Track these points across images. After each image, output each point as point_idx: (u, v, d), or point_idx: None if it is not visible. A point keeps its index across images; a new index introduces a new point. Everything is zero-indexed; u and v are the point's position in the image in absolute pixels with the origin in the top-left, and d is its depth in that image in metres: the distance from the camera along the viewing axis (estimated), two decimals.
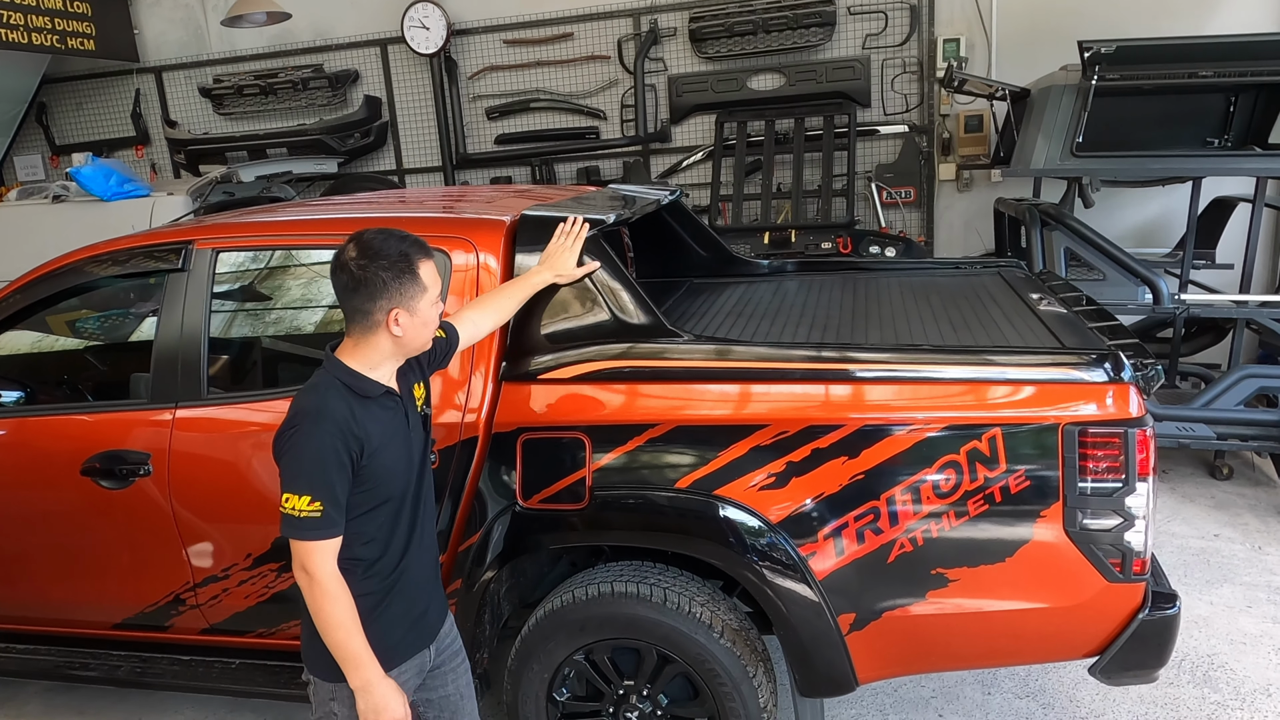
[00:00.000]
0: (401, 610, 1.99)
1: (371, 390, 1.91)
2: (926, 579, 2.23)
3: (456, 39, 7.13)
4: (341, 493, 1.83)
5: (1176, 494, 4.58)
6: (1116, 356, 2.16)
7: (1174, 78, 4.55)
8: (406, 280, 1.88)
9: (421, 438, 2.06)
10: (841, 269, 3.88)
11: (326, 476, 1.80)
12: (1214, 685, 3.08)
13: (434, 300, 1.95)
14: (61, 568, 2.91)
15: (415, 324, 1.92)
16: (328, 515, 1.80)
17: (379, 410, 1.92)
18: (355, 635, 1.84)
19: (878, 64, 6.50)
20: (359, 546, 1.91)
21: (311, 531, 1.80)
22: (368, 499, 1.90)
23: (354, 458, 1.84)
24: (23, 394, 3.04)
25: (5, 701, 3.47)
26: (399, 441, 1.95)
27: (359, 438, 1.85)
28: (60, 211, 6.26)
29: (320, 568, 1.82)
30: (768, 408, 2.27)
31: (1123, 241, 4.80)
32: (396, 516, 1.97)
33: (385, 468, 1.91)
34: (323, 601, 1.82)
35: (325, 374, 1.92)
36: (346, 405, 1.86)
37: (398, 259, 1.88)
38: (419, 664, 2.05)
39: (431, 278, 1.94)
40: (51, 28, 6.92)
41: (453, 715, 2.17)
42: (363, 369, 1.92)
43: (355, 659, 1.85)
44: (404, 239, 1.93)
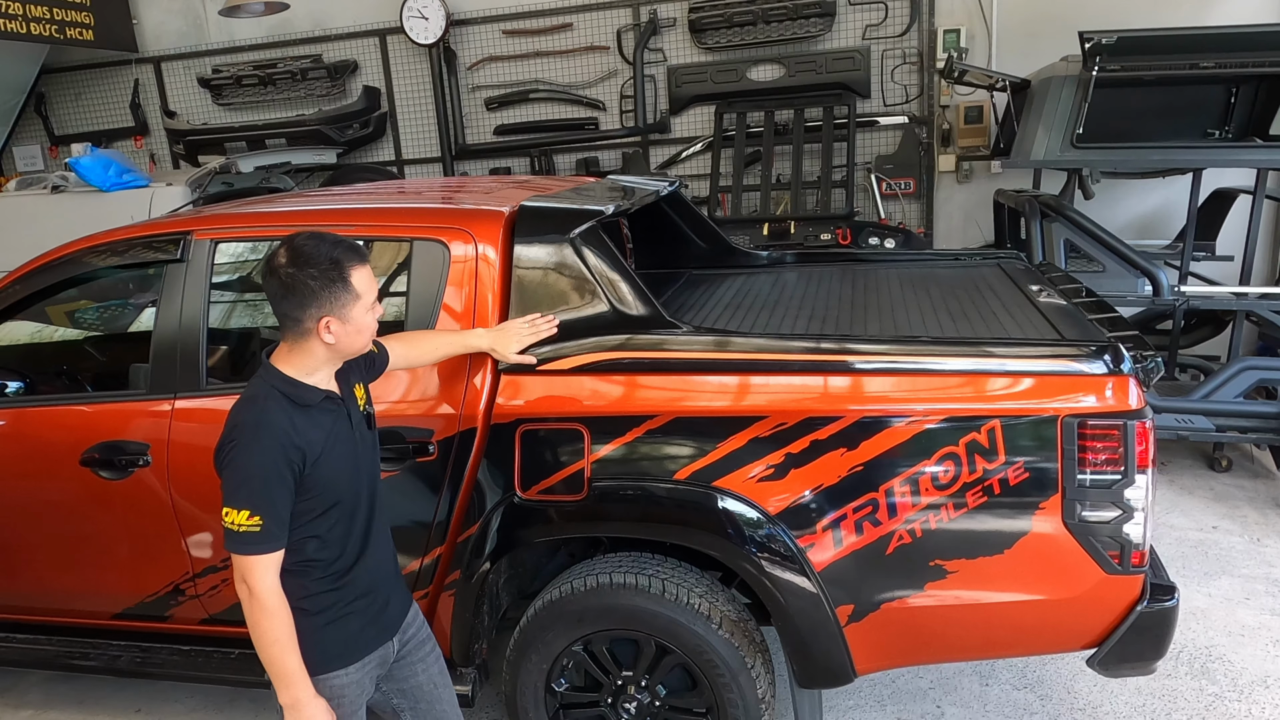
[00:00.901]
0: (362, 607, 2.00)
1: (310, 398, 1.89)
2: (925, 571, 2.23)
3: (455, 29, 7.10)
4: (282, 506, 1.81)
5: (1175, 486, 4.58)
6: (1116, 348, 2.16)
7: (1175, 69, 4.52)
8: (338, 288, 1.84)
9: (368, 437, 2.05)
10: (841, 260, 3.87)
11: (266, 492, 1.79)
12: (1211, 677, 3.09)
13: (368, 306, 1.90)
14: (61, 558, 2.91)
15: (348, 331, 1.88)
16: (266, 530, 1.79)
17: (320, 416, 1.90)
18: (289, 652, 1.83)
19: (878, 55, 6.48)
20: (314, 549, 1.91)
21: (250, 546, 1.79)
22: (317, 504, 1.89)
23: (296, 469, 1.82)
24: (22, 384, 3.04)
25: (6, 691, 3.48)
26: (343, 444, 1.94)
27: (300, 448, 1.83)
28: (59, 202, 6.24)
29: (259, 582, 1.81)
30: (767, 399, 2.27)
31: (1122, 233, 4.79)
32: (350, 517, 1.96)
33: (331, 472, 1.89)
34: (259, 616, 1.82)
35: (263, 383, 1.89)
36: (286, 415, 1.84)
37: (328, 266, 1.83)
38: (382, 656, 2.06)
39: (365, 284, 1.89)
40: (50, 18, 6.89)
41: (428, 704, 2.18)
42: (300, 375, 1.90)
43: (287, 676, 1.84)
44: (337, 244, 1.87)
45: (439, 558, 2.54)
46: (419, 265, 2.56)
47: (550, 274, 2.49)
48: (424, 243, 2.57)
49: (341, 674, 1.96)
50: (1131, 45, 4.37)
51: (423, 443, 2.47)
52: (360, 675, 2.00)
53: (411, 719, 2.18)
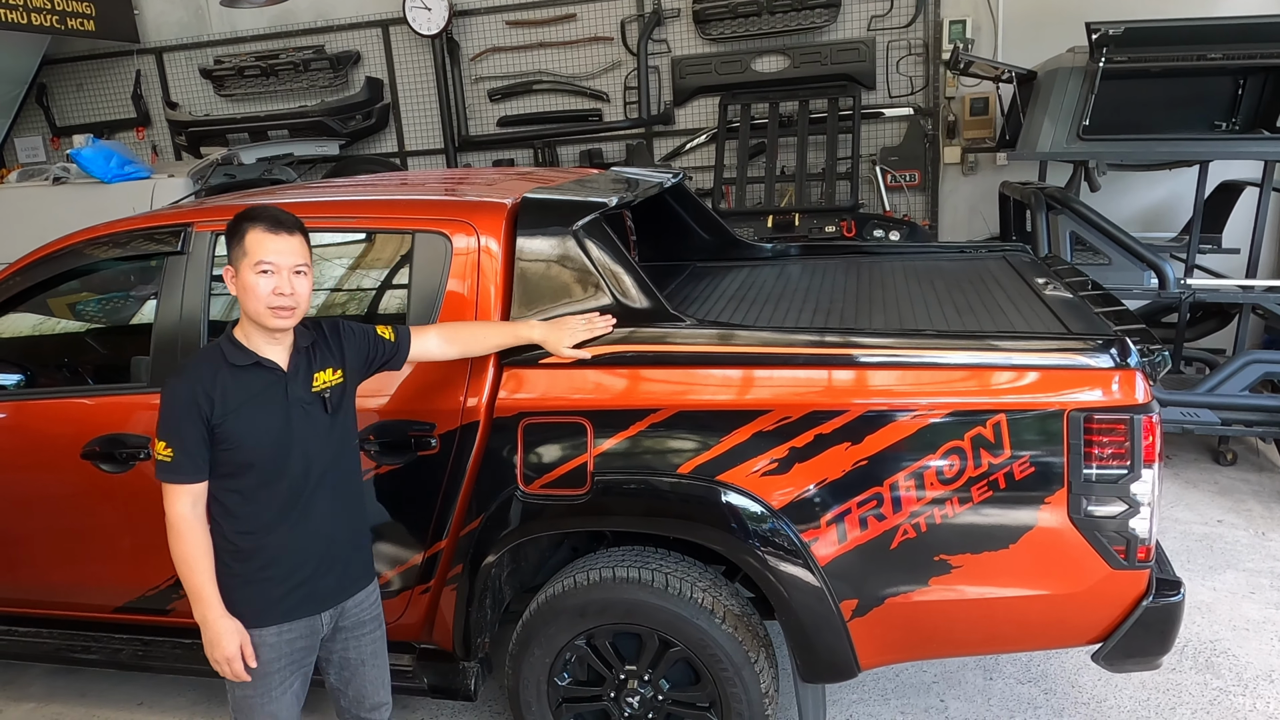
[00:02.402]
0: (282, 574, 2.08)
1: (239, 359, 2.04)
2: (929, 565, 2.22)
3: (458, 20, 7.07)
4: (192, 444, 1.98)
5: (1180, 479, 4.56)
6: (1123, 342, 2.14)
7: (1182, 60, 4.50)
8: (234, 240, 2.03)
9: (323, 419, 2.11)
10: (845, 253, 3.85)
11: (178, 427, 1.98)
12: (1216, 671, 3.08)
13: (253, 267, 1.99)
14: (63, 551, 2.91)
15: (240, 288, 2.02)
16: (177, 461, 1.98)
17: (248, 378, 2.04)
18: (199, 573, 2.01)
19: (883, 46, 6.45)
20: (235, 503, 2.05)
21: (165, 473, 2.00)
22: (231, 459, 2.02)
23: (205, 416, 1.98)
24: (23, 377, 3.03)
25: (8, 684, 3.48)
26: (266, 411, 2.04)
27: (211, 398, 1.99)
28: (61, 193, 6.24)
29: (172, 507, 2.00)
30: (771, 393, 2.25)
31: (1128, 226, 4.76)
32: (269, 484, 2.05)
33: (244, 433, 2.01)
34: (172, 538, 2.02)
35: (216, 340, 2.11)
36: (212, 368, 2.03)
37: (239, 221, 2.03)
38: (307, 627, 2.14)
39: (258, 245, 2.00)
40: (51, 8, 6.87)
41: (350, 674, 2.28)
42: (241, 338, 2.07)
43: (198, 593, 2.03)
44: (265, 210, 2.05)
45: (441, 551, 2.53)
46: (421, 257, 2.55)
47: (553, 266, 2.47)
48: (426, 235, 2.55)
49: (252, 633, 2.07)
50: (1138, 36, 4.34)
51: (425, 436, 2.46)
52: (276, 640, 2.09)
53: (334, 680, 2.31)
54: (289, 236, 2.04)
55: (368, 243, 2.80)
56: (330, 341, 2.18)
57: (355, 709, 2.32)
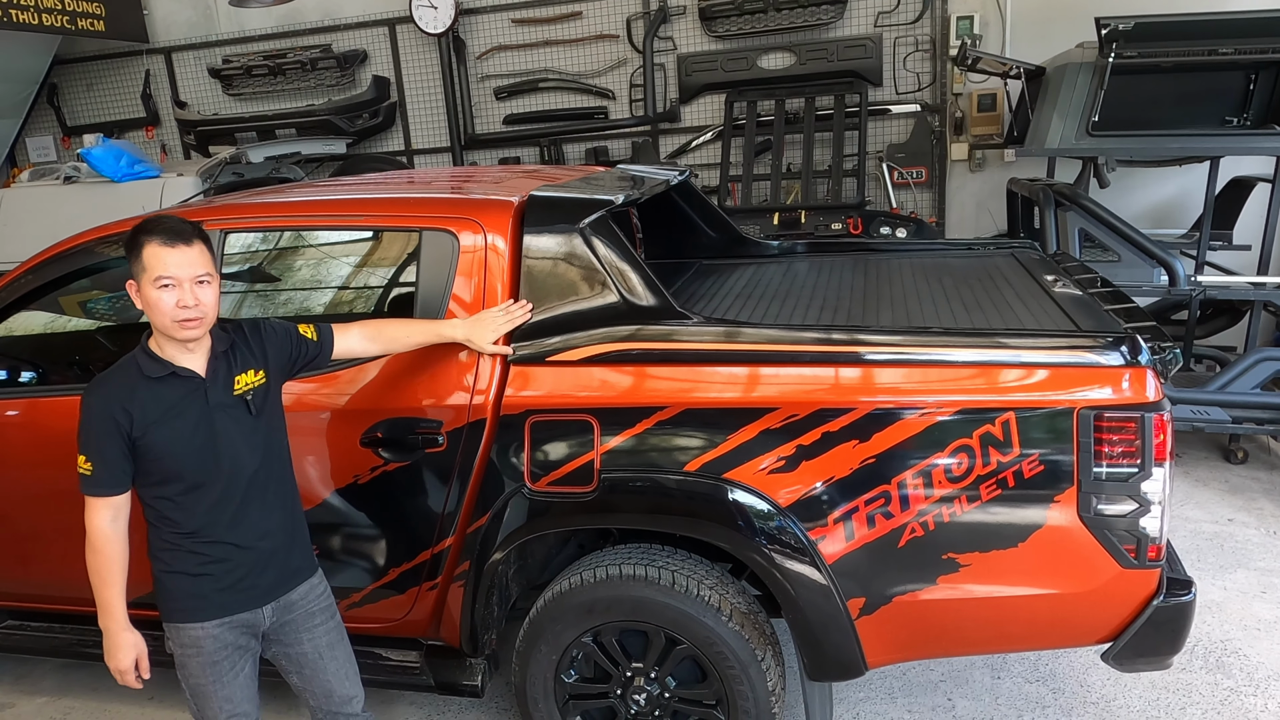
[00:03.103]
0: (219, 571, 2.10)
1: (154, 371, 2.03)
2: (937, 564, 2.21)
3: (464, 18, 7.08)
4: (111, 458, 1.99)
5: (1190, 478, 4.54)
6: (1133, 339, 2.13)
7: (1193, 55, 4.47)
8: (132, 255, 2.00)
9: (248, 420, 2.11)
10: (852, 250, 3.84)
11: (96, 441, 1.99)
12: (1227, 671, 3.06)
13: (153, 282, 1.97)
14: (75, 547, 2.91)
15: (142, 302, 2.01)
16: (97, 474, 2.00)
17: (165, 390, 2.03)
18: (110, 586, 2.04)
19: (890, 42, 6.43)
20: (167, 509, 2.07)
21: (85, 486, 2.01)
22: (157, 470, 2.03)
23: (124, 430, 1.99)
24: (35, 374, 3.05)
25: (21, 679, 3.50)
26: (188, 421, 2.04)
27: (129, 412, 1.98)
28: (71, 192, 6.27)
29: (90, 520, 2.02)
30: (778, 391, 2.25)
31: (1138, 222, 4.74)
32: (199, 491, 2.06)
33: (166, 444, 2.01)
34: (88, 551, 2.04)
35: (131, 352, 2.08)
36: (128, 381, 2.02)
37: (135, 234, 2.00)
38: (247, 621, 2.15)
39: (155, 260, 1.97)
40: (62, 8, 6.90)
41: (312, 672, 2.28)
42: (154, 349, 2.06)
43: (105, 606, 2.07)
44: (160, 222, 2.01)
45: (449, 548, 2.53)
46: (428, 256, 2.55)
47: (560, 264, 2.47)
48: (433, 233, 2.55)
49: (196, 627, 2.10)
50: (1148, 31, 4.31)
51: (432, 434, 2.46)
52: (220, 632, 2.11)
53: (298, 680, 2.30)
54: (187, 248, 2.00)
55: (375, 241, 2.80)
56: (251, 342, 2.17)
57: (326, 705, 2.31)
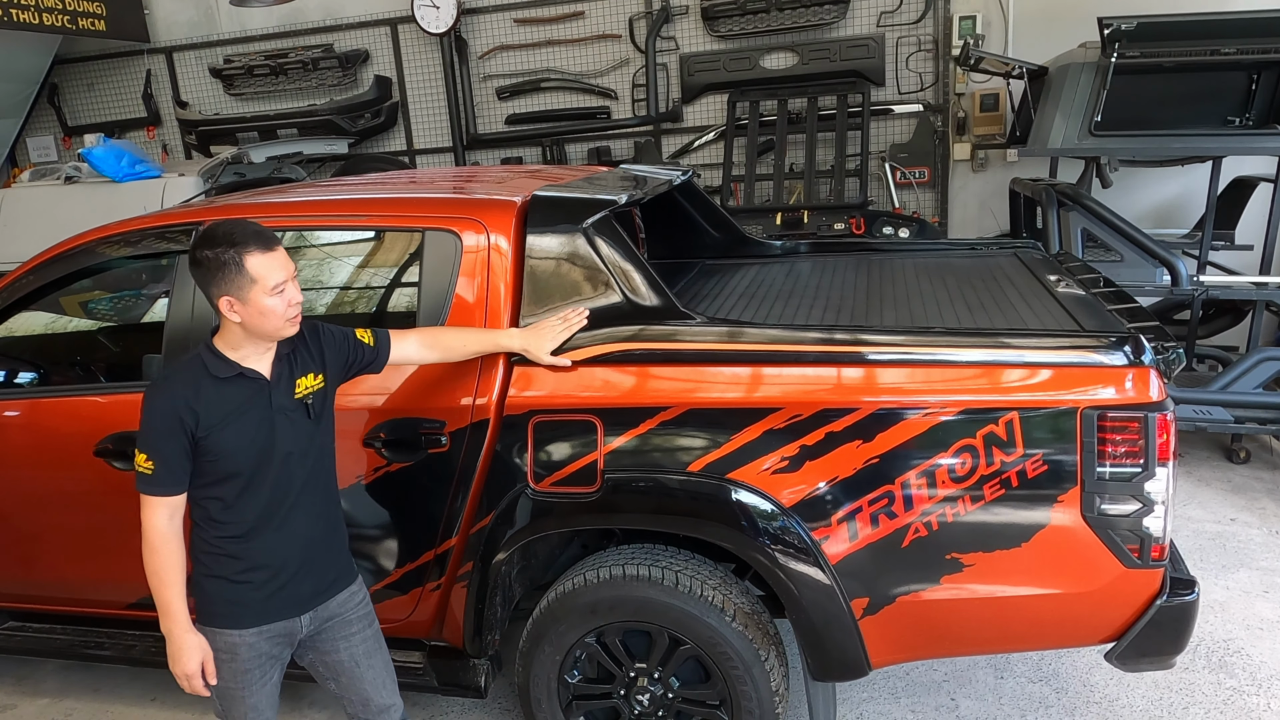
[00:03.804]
0: (261, 579, 2.08)
1: (221, 371, 2.02)
2: (941, 564, 2.21)
3: (466, 18, 7.08)
4: (173, 458, 1.97)
5: (1193, 478, 4.54)
6: (1137, 339, 2.13)
7: (1195, 55, 4.46)
8: (232, 270, 1.94)
9: (305, 424, 2.10)
10: (855, 250, 3.84)
11: (157, 441, 1.97)
12: (1230, 671, 3.06)
13: (268, 290, 1.96)
14: (76, 548, 2.93)
15: (251, 312, 1.97)
16: (157, 474, 1.97)
17: (230, 390, 2.02)
18: (170, 586, 2.01)
19: (892, 42, 6.42)
20: (217, 510, 2.05)
21: (144, 486, 1.99)
22: (215, 470, 2.01)
23: (189, 430, 1.97)
24: (36, 375, 3.05)
25: (23, 679, 3.50)
26: (252, 422, 2.03)
27: (195, 411, 1.97)
28: (72, 193, 6.27)
29: (147, 520, 1.99)
30: (781, 391, 2.24)
31: (1140, 222, 4.74)
32: (251, 492, 2.05)
33: (230, 444, 2.00)
34: (146, 551, 2.00)
35: (194, 350, 2.07)
36: (193, 381, 2.00)
37: (225, 248, 1.94)
38: (285, 629, 2.14)
39: (264, 269, 1.95)
40: (62, 8, 6.91)
41: (349, 679, 2.27)
42: (224, 349, 2.04)
43: (166, 608, 2.02)
44: (242, 229, 1.98)
45: (452, 549, 2.53)
46: (431, 256, 2.55)
47: (563, 264, 2.47)
48: (436, 233, 2.55)
49: (234, 634, 2.08)
50: (1151, 31, 4.31)
51: (435, 434, 2.46)
52: (256, 639, 2.10)
53: (335, 688, 2.29)
54: (279, 248, 2.01)
55: (377, 241, 2.80)
56: (310, 346, 2.16)
57: (363, 713, 2.30)
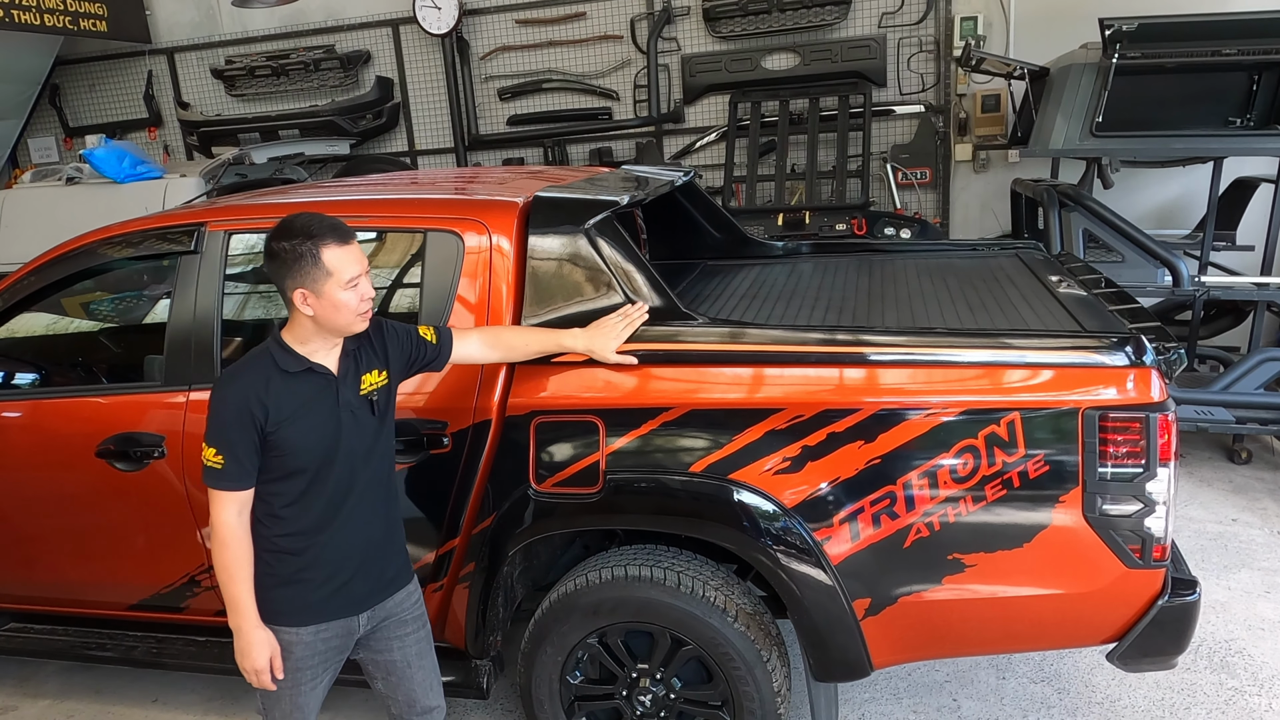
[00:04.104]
0: (322, 576, 2.07)
1: (291, 365, 2.00)
2: (943, 564, 2.21)
3: (468, 19, 7.08)
4: (243, 451, 1.95)
5: (1194, 478, 4.53)
6: (1138, 340, 2.13)
7: (1196, 56, 4.47)
8: (307, 262, 1.93)
9: (369, 421, 2.10)
10: (856, 251, 3.84)
11: (228, 434, 1.94)
12: (1231, 671, 3.06)
13: (343, 284, 1.95)
14: (78, 549, 2.93)
15: (324, 306, 1.96)
16: (228, 469, 1.95)
17: (299, 385, 2.00)
18: (239, 582, 1.99)
19: (894, 43, 6.43)
20: (280, 506, 2.03)
21: (214, 480, 1.96)
22: (281, 465, 2.00)
23: (259, 424, 1.95)
24: (37, 376, 3.05)
25: (24, 681, 3.50)
26: (319, 418, 2.01)
27: (265, 405, 1.95)
28: (74, 193, 6.28)
29: (217, 515, 1.97)
30: (783, 391, 2.25)
31: (1141, 223, 4.74)
32: (315, 489, 2.04)
33: (297, 439, 1.98)
34: (216, 546, 1.99)
35: (263, 344, 2.05)
36: (263, 374, 1.98)
37: (301, 240, 1.93)
38: (343, 628, 2.13)
39: (340, 262, 1.95)
40: (64, 9, 6.91)
41: (398, 680, 2.26)
42: (293, 343, 2.02)
43: (235, 603, 2.00)
44: (319, 222, 1.96)
45: (454, 550, 2.53)
46: (433, 256, 2.55)
47: (565, 265, 2.47)
48: (438, 234, 2.55)
49: (290, 631, 2.06)
50: (1152, 32, 4.31)
51: (437, 434, 2.46)
52: (313, 639, 2.09)
53: (383, 687, 2.29)
54: (355, 242, 2.01)
55: (379, 242, 2.80)
56: (374, 342, 2.14)
57: (407, 714, 2.29)
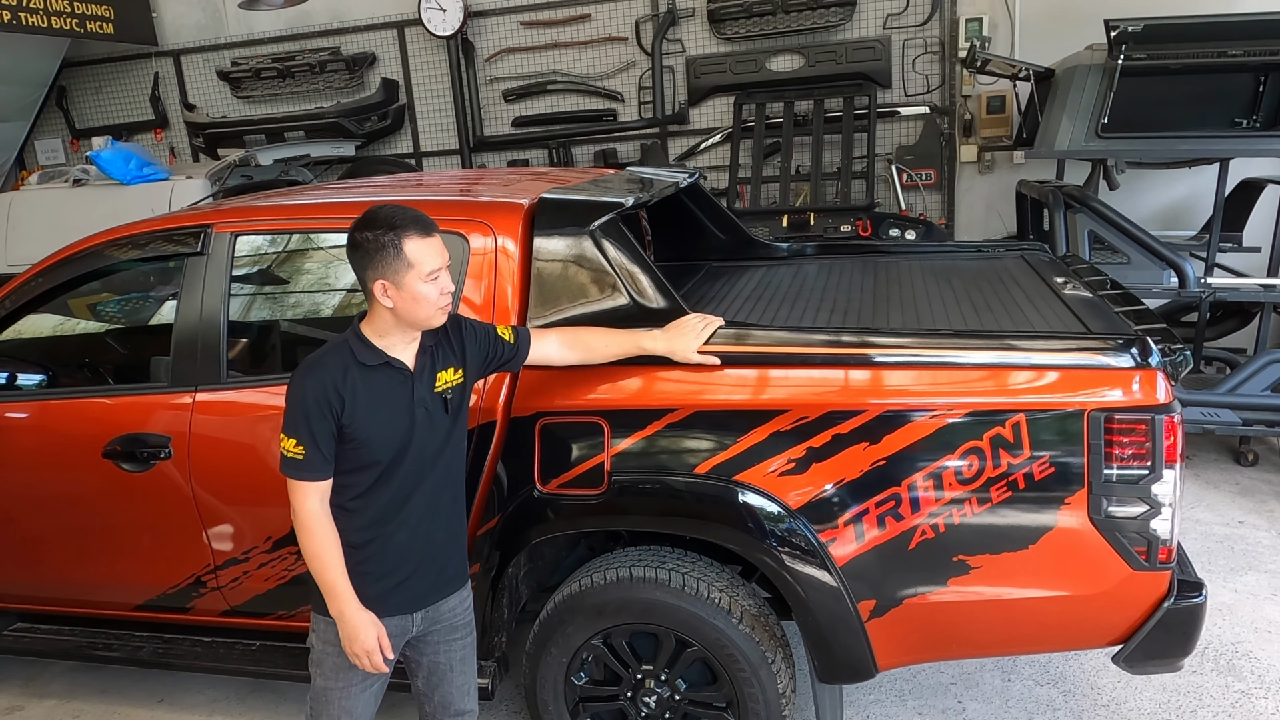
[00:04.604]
0: (382, 570, 2.07)
1: (369, 358, 2.00)
2: (948, 566, 2.21)
3: (473, 21, 7.09)
4: (323, 441, 1.95)
5: (1200, 480, 4.52)
6: (1144, 341, 2.12)
7: (1202, 57, 4.46)
8: (389, 253, 1.93)
9: (443, 419, 2.09)
10: (861, 252, 3.84)
11: (309, 424, 1.94)
12: (1238, 674, 3.05)
13: (423, 277, 1.96)
14: (84, 550, 2.93)
15: (404, 298, 1.96)
16: (309, 458, 1.95)
17: (375, 378, 2.00)
18: (332, 568, 1.98)
19: (899, 44, 6.42)
20: (348, 499, 2.03)
21: (295, 471, 1.96)
22: (353, 458, 2.00)
23: (336, 413, 1.95)
24: (44, 377, 3.06)
25: (30, 681, 3.51)
26: (393, 412, 2.01)
27: (342, 396, 1.95)
28: (80, 195, 6.31)
29: (302, 504, 1.97)
30: (788, 393, 2.25)
31: (1147, 224, 4.72)
32: (386, 482, 2.04)
33: (370, 432, 1.98)
34: (302, 535, 1.99)
35: (340, 336, 2.05)
36: (342, 365, 1.98)
37: (384, 230, 1.94)
38: (399, 625, 2.12)
39: (422, 254, 1.95)
40: (71, 11, 6.94)
41: (438, 680, 2.26)
42: (372, 336, 2.02)
43: (332, 589, 2.00)
44: (404, 214, 1.97)
45: None
46: None
47: (570, 266, 2.47)
48: (443, 235, 2.54)
49: None
50: (1158, 33, 4.31)
51: None
52: None
53: (421, 685, 2.29)
54: (437, 235, 2.01)
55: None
56: (452, 339, 2.13)
57: (440, 714, 2.29)
